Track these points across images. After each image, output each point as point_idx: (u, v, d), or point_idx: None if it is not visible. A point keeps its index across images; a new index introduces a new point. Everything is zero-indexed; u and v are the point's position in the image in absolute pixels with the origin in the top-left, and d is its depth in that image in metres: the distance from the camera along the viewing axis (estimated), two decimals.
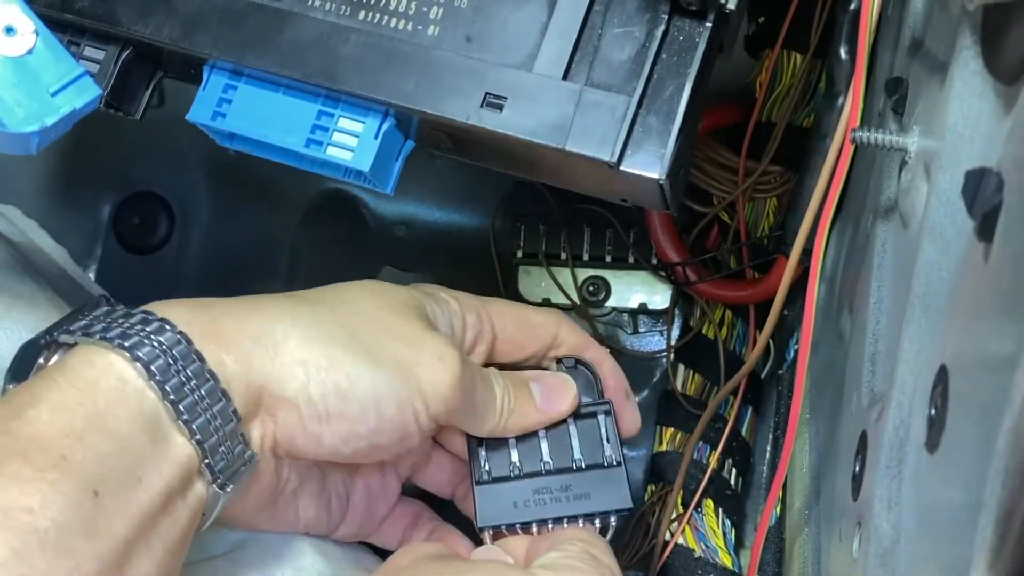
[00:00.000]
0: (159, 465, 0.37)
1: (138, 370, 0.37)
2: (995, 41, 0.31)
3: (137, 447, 0.37)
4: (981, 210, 0.29)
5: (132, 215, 0.74)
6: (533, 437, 0.48)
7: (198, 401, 0.38)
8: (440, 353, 0.43)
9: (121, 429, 0.36)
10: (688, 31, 0.41)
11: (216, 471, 0.39)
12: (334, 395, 0.41)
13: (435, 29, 0.43)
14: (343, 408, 0.41)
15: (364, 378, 0.41)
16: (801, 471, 0.53)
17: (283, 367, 0.40)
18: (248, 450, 0.40)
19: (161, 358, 0.38)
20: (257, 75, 0.44)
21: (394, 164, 0.45)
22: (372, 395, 0.41)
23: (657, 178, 0.40)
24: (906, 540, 0.34)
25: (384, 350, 0.42)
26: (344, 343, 0.41)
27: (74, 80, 0.42)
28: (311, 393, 0.40)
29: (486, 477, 0.47)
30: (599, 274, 0.66)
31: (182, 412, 0.38)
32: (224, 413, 0.39)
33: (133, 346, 0.37)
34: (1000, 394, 0.26)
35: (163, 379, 0.37)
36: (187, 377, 0.38)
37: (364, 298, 0.44)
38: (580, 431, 0.48)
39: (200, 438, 0.38)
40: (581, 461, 0.47)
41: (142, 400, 0.37)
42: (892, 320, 0.40)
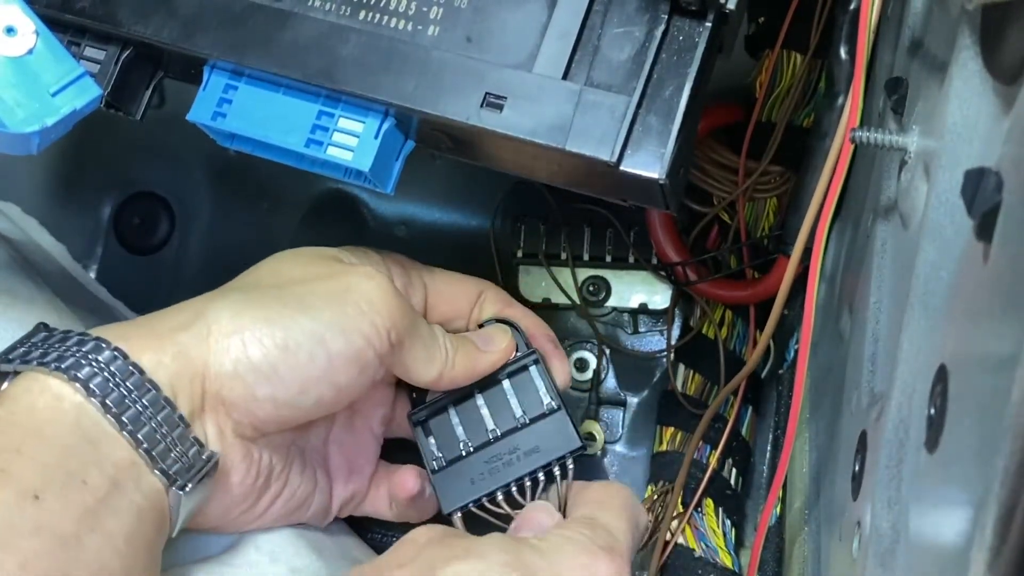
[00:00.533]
0: (104, 467, 0.38)
1: (76, 388, 0.38)
2: (994, 41, 0.31)
3: (80, 454, 0.38)
4: (980, 210, 0.29)
5: (132, 215, 0.74)
6: (472, 407, 0.49)
7: (141, 412, 0.39)
8: (367, 273, 0.44)
9: (62, 440, 0.38)
10: (688, 31, 0.41)
11: (172, 474, 0.39)
12: (275, 350, 0.41)
13: (435, 29, 0.43)
14: (289, 359, 0.41)
15: (301, 322, 0.42)
16: (801, 471, 0.53)
17: (218, 344, 0.41)
18: (206, 450, 0.40)
19: (99, 375, 0.39)
20: (257, 75, 0.44)
21: (394, 164, 0.45)
22: (314, 335, 0.42)
23: (657, 178, 0.40)
24: (906, 540, 0.34)
25: (314, 292, 0.43)
26: (273, 300, 0.42)
27: (74, 80, 0.42)
28: (251, 358, 0.41)
29: (440, 464, 0.49)
30: (599, 274, 0.66)
31: (125, 423, 0.39)
32: (170, 420, 0.39)
33: (69, 367, 0.39)
34: (1000, 394, 0.26)
35: (103, 394, 0.38)
36: (127, 390, 0.39)
37: (282, 261, 0.46)
38: (515, 387, 0.49)
39: (147, 446, 0.39)
40: (524, 417, 0.49)
41: (80, 414, 0.38)
42: (892, 320, 0.40)
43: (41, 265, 0.60)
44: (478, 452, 0.49)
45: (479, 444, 0.49)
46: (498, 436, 0.49)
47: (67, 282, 0.62)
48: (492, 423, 0.49)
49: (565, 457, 0.48)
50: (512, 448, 0.49)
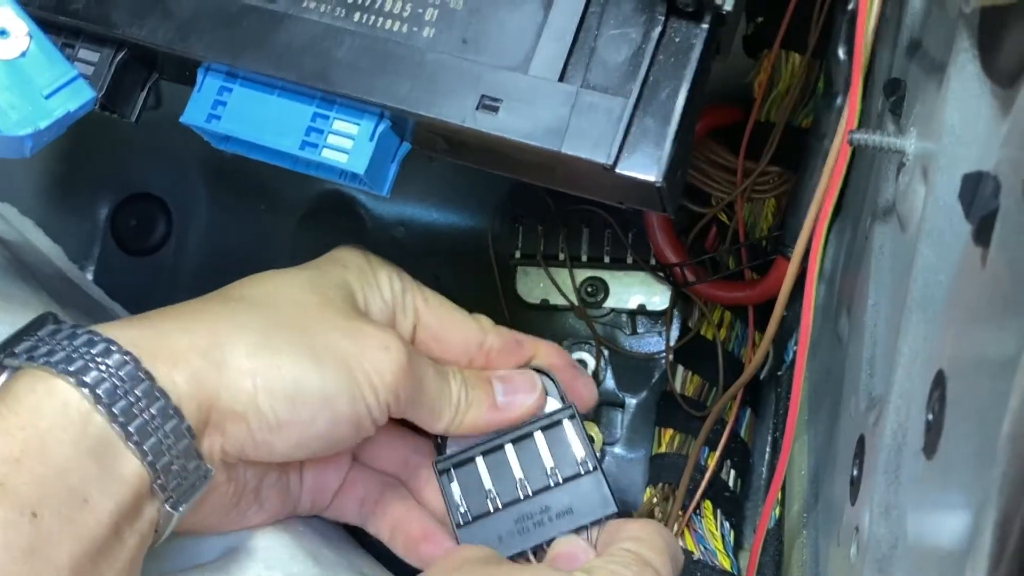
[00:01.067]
0: (107, 486, 0.37)
1: (83, 394, 0.37)
2: (992, 44, 0.30)
3: (81, 469, 0.36)
4: (978, 214, 0.29)
5: (129, 217, 0.74)
6: (502, 459, 0.47)
7: (148, 421, 0.37)
8: (384, 343, 0.43)
9: (64, 452, 0.36)
10: (684, 33, 0.41)
11: (168, 490, 0.38)
12: (282, 403, 0.40)
13: (430, 31, 0.43)
14: (293, 415, 0.41)
15: (312, 381, 0.41)
16: (800, 473, 0.53)
17: (231, 380, 0.40)
18: (203, 466, 0.40)
19: (107, 380, 0.37)
20: (252, 77, 0.44)
21: (390, 166, 0.45)
22: (321, 397, 0.41)
23: (654, 181, 0.40)
24: (904, 546, 0.34)
25: (328, 347, 0.42)
26: (288, 346, 0.41)
27: (68, 83, 0.42)
28: (260, 405, 0.40)
29: (467, 519, 0.47)
30: (597, 275, 0.66)
31: (132, 434, 0.37)
32: (177, 431, 0.38)
33: (78, 370, 0.37)
34: (998, 399, 0.26)
35: (110, 402, 0.37)
36: (136, 398, 0.37)
37: (301, 292, 0.44)
38: (549, 441, 0.47)
39: (152, 459, 0.38)
40: (557, 475, 0.47)
41: (87, 423, 0.37)
42: (890, 323, 0.40)
43: (37, 267, 0.60)
44: (507, 509, 0.47)
45: (508, 500, 0.47)
46: (528, 493, 0.47)
47: (64, 284, 0.62)
48: (522, 478, 0.47)
49: (599, 521, 0.47)
50: (543, 508, 0.46)
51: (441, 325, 0.48)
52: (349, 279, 0.46)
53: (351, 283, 0.46)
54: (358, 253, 0.48)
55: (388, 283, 0.48)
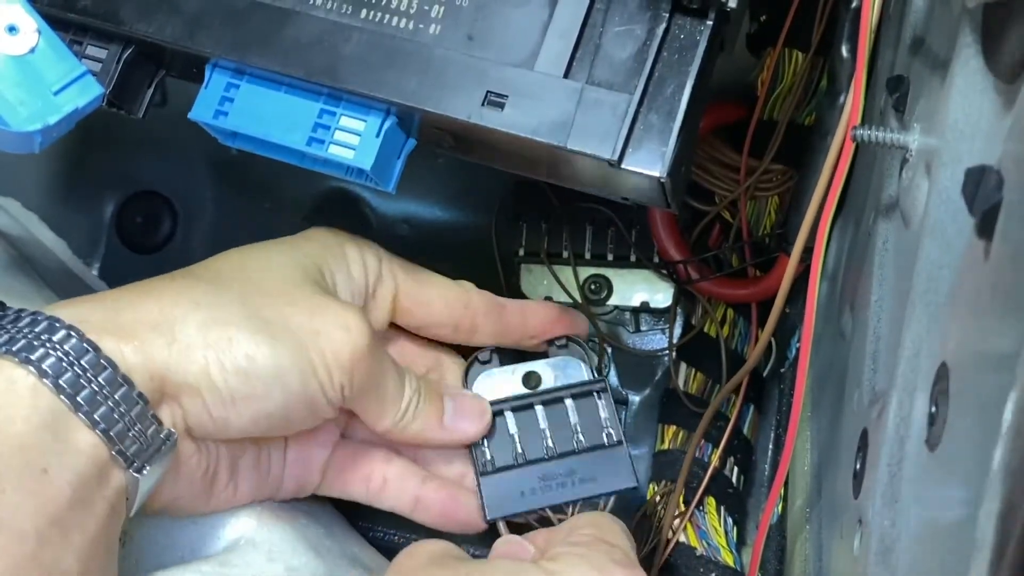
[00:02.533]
0: (64, 457, 0.37)
1: (29, 371, 0.37)
2: (995, 39, 0.31)
3: (36, 442, 0.37)
4: (981, 208, 0.29)
5: (135, 214, 0.74)
6: (532, 418, 0.48)
7: (97, 391, 0.38)
8: (345, 322, 0.43)
9: (16, 428, 0.36)
10: (689, 29, 0.41)
11: (129, 455, 0.38)
12: (235, 376, 0.40)
13: (436, 28, 0.43)
14: (246, 389, 0.41)
15: (264, 355, 0.41)
16: (803, 469, 0.53)
17: (181, 353, 0.40)
18: (164, 429, 0.40)
19: (52, 355, 0.38)
20: (259, 74, 0.44)
21: (396, 163, 0.45)
22: (274, 372, 0.41)
23: (658, 176, 0.40)
24: (907, 538, 0.34)
25: (285, 323, 0.42)
26: (243, 320, 0.41)
27: (76, 79, 0.42)
28: (213, 378, 0.40)
29: (490, 468, 0.47)
30: (601, 272, 0.66)
31: (81, 404, 0.38)
32: (128, 398, 0.38)
33: (21, 348, 0.38)
34: (1000, 392, 0.26)
35: (56, 375, 0.37)
36: (82, 369, 0.38)
37: (263, 268, 0.44)
38: (579, 410, 0.48)
39: (105, 426, 0.38)
40: (583, 442, 0.48)
41: (35, 398, 0.37)
42: (893, 318, 0.40)
43: (41, 262, 0.60)
44: (532, 465, 0.48)
45: (534, 458, 0.48)
46: (555, 455, 0.48)
47: (67, 278, 0.62)
48: (550, 440, 0.48)
49: (618, 492, 0.48)
50: (570, 471, 0.48)
51: (422, 289, 0.49)
52: (316, 256, 0.46)
53: (318, 260, 0.46)
54: (328, 231, 0.48)
55: (359, 258, 0.47)
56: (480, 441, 0.47)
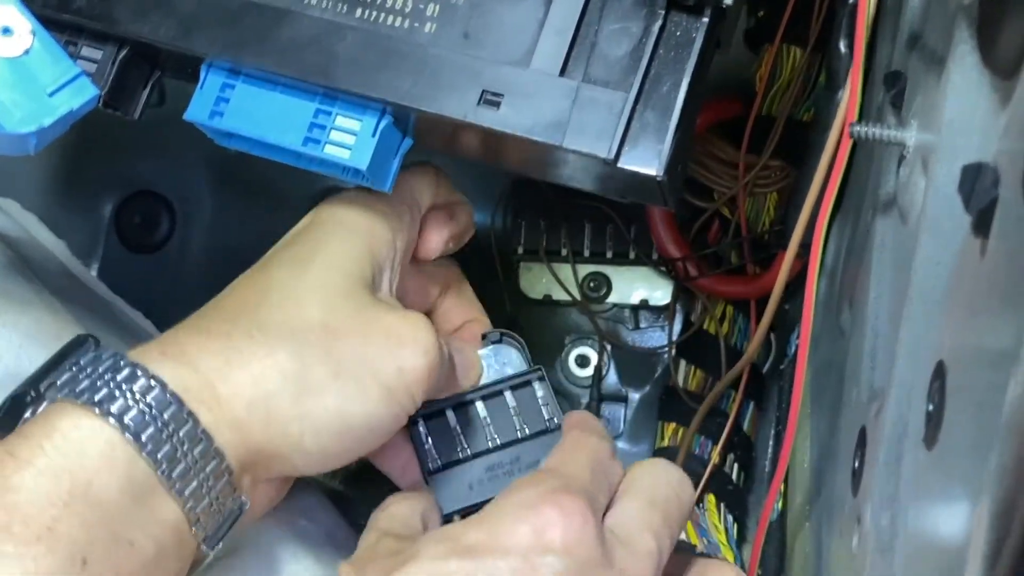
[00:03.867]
0: (150, 528, 0.36)
1: (127, 438, 0.36)
2: (992, 35, 0.31)
3: (127, 513, 0.36)
4: (977, 206, 0.29)
5: (133, 214, 0.74)
6: (473, 413, 0.49)
7: (191, 466, 0.37)
8: (425, 347, 0.42)
9: (110, 496, 0.35)
10: (685, 26, 0.41)
11: (206, 530, 0.38)
12: (329, 438, 0.40)
13: (432, 26, 0.43)
14: (340, 446, 0.41)
15: (356, 414, 0.41)
16: (802, 466, 0.53)
17: (278, 430, 0.39)
18: (238, 499, 0.39)
19: (152, 425, 0.36)
20: (254, 74, 0.44)
21: (392, 162, 0.45)
22: (366, 424, 0.41)
23: (655, 175, 0.40)
24: (905, 536, 0.34)
25: (370, 369, 0.41)
26: (331, 381, 0.40)
27: (71, 80, 0.42)
28: (306, 446, 0.40)
29: (436, 465, 0.48)
30: (600, 270, 0.66)
31: (174, 481, 0.37)
32: (217, 472, 0.38)
33: (121, 411, 0.36)
34: (997, 390, 0.26)
35: (154, 448, 0.36)
36: (179, 441, 0.37)
37: (330, 301, 0.42)
38: (518, 400, 0.49)
39: (192, 504, 0.37)
40: (525, 429, 0.48)
41: (132, 468, 0.36)
42: (891, 315, 0.40)
43: (40, 263, 0.60)
44: (477, 459, 0.48)
45: (478, 451, 0.48)
46: (498, 445, 0.48)
47: (67, 280, 0.62)
48: (491, 432, 0.49)
49: None
50: (514, 459, 0.48)
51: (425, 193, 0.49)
52: (359, 254, 0.44)
53: (363, 259, 0.44)
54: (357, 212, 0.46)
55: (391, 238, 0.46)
56: (424, 442, 0.48)
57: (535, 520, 0.38)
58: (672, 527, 0.41)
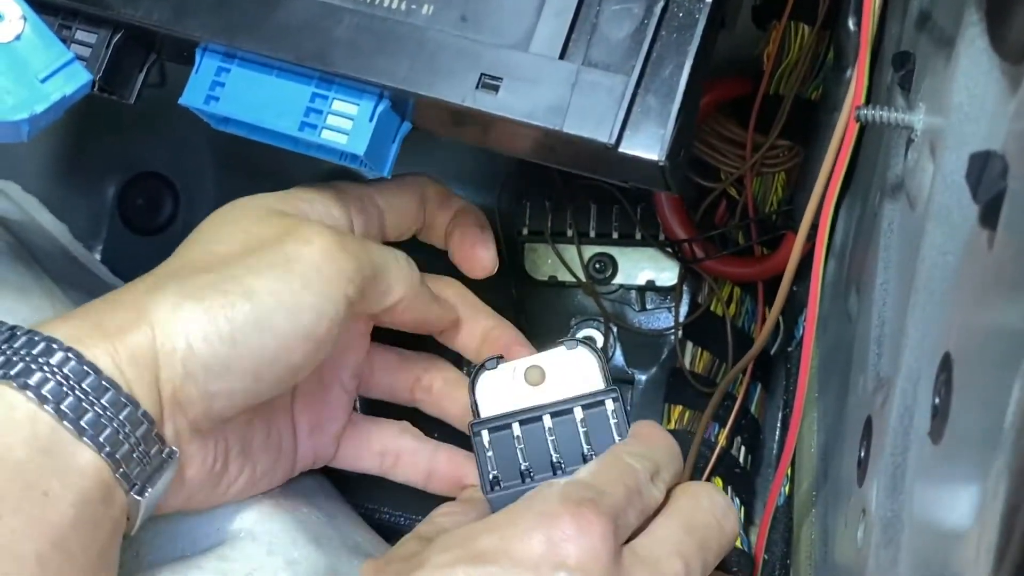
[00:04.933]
0: (67, 478, 0.36)
1: (28, 396, 0.36)
2: (1001, 19, 0.30)
3: (36, 467, 0.36)
4: (985, 196, 0.29)
5: (136, 195, 0.74)
6: (539, 430, 0.46)
7: (101, 413, 0.37)
8: (307, 235, 0.41)
9: (15, 454, 0.35)
10: (688, 7, 0.40)
11: (132, 477, 0.38)
12: (221, 344, 0.39)
13: (429, 9, 0.42)
14: (236, 350, 0.39)
15: (243, 309, 0.39)
16: (809, 451, 0.53)
17: (163, 345, 0.39)
18: (165, 447, 0.39)
19: (51, 380, 0.36)
20: (250, 58, 0.44)
21: (390, 147, 0.44)
22: (258, 321, 0.39)
23: (656, 160, 0.39)
24: (910, 529, 0.33)
25: (253, 269, 0.40)
26: (211, 288, 0.39)
27: (64, 66, 0.42)
28: (199, 356, 0.39)
29: (497, 486, 0.45)
30: (606, 251, 0.65)
31: (85, 429, 0.37)
32: (133, 418, 0.37)
33: (19, 373, 0.36)
34: (1004, 385, 0.25)
35: (57, 401, 0.36)
36: (84, 392, 0.37)
37: (221, 227, 0.43)
38: (588, 419, 0.46)
39: (110, 450, 0.37)
40: (591, 452, 0.46)
41: (35, 424, 0.36)
42: (898, 303, 0.39)
43: (41, 246, 0.59)
44: (539, 480, 0.45)
45: (542, 472, 0.45)
46: (563, 468, 0.45)
47: (68, 263, 0.62)
48: (556, 453, 0.46)
49: None
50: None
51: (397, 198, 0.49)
52: (285, 199, 0.44)
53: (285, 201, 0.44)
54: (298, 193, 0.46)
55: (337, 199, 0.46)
56: (486, 453, 0.46)
57: (551, 531, 0.37)
58: (708, 556, 0.40)
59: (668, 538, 0.40)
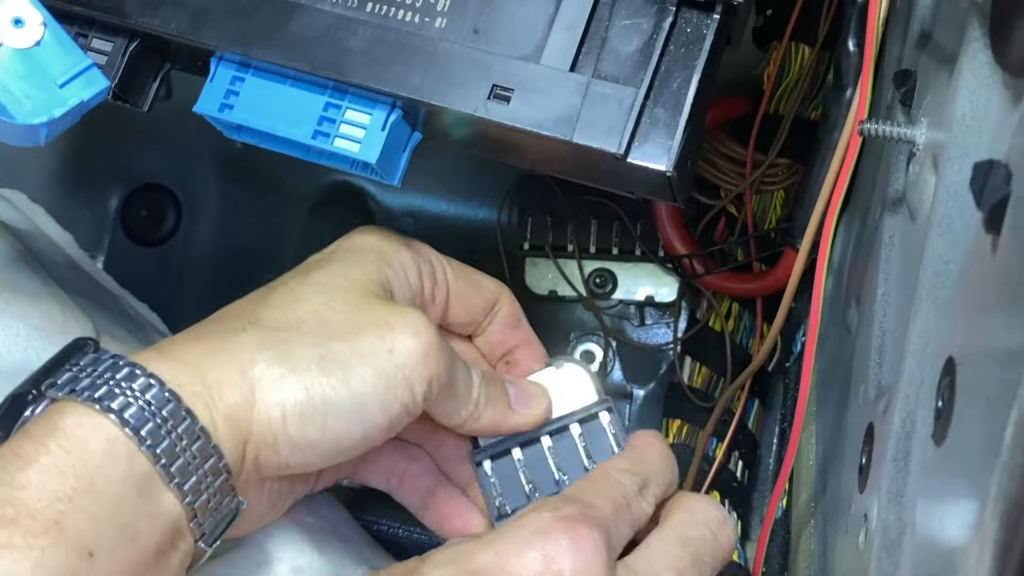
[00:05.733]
0: (153, 521, 0.37)
1: (128, 434, 0.37)
2: (1004, 33, 0.31)
3: (131, 506, 0.36)
4: (989, 202, 0.29)
5: (140, 207, 0.74)
6: (539, 451, 0.46)
7: (190, 461, 0.37)
8: (414, 328, 0.41)
9: (113, 489, 0.36)
10: (696, 23, 0.41)
11: (203, 527, 0.38)
12: (313, 425, 0.39)
13: (442, 21, 0.43)
14: (325, 434, 0.40)
15: (341, 396, 0.40)
16: (807, 464, 0.53)
17: (262, 413, 0.39)
18: (235, 499, 0.39)
19: (151, 421, 0.37)
20: (264, 67, 0.44)
21: (401, 156, 0.45)
22: (352, 409, 0.40)
23: (664, 170, 0.40)
24: (912, 533, 0.34)
25: (357, 352, 0.41)
26: (315, 364, 0.40)
27: (82, 72, 0.42)
28: (290, 432, 0.39)
29: (505, 512, 0.46)
30: (606, 266, 0.66)
31: (174, 475, 0.37)
32: (215, 469, 0.38)
33: (121, 408, 0.37)
34: (1007, 386, 0.26)
35: (153, 443, 0.37)
36: (178, 437, 0.37)
37: (325, 298, 0.42)
38: (586, 435, 0.47)
39: (191, 499, 0.37)
40: (593, 467, 0.46)
41: (133, 462, 0.37)
42: (899, 312, 0.40)
43: (47, 255, 0.60)
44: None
45: (547, 492, 0.45)
46: (565, 484, 0.45)
47: (74, 272, 0.62)
48: (558, 472, 0.46)
49: None
50: None
51: (468, 287, 0.48)
52: (373, 268, 0.44)
53: (376, 272, 0.44)
54: (375, 236, 0.46)
55: (415, 263, 0.46)
56: (491, 483, 0.46)
57: (545, 547, 0.37)
58: (703, 569, 0.40)
59: (663, 552, 0.40)
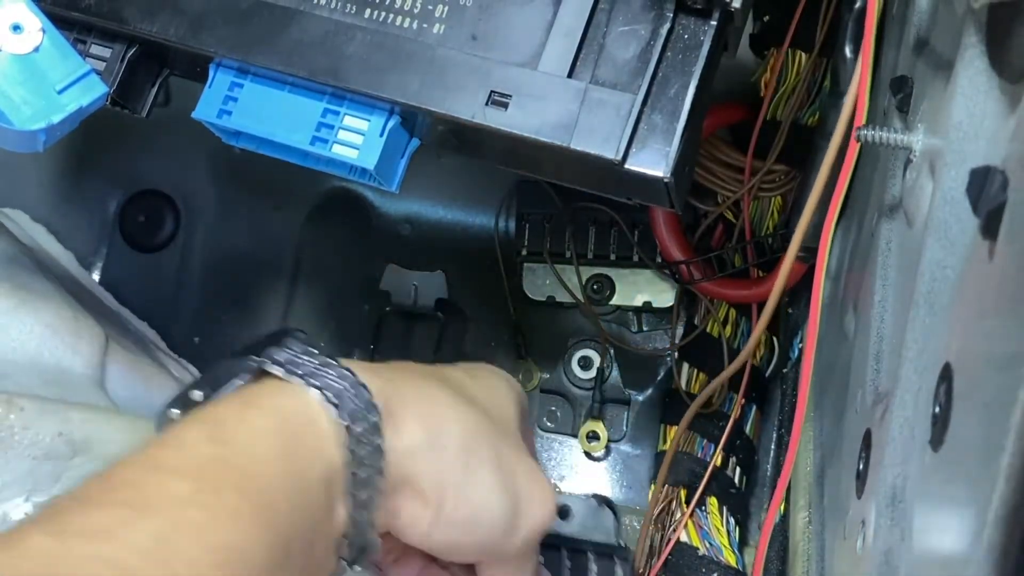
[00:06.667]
0: (327, 536, 0.37)
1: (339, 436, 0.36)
2: (1001, 39, 0.31)
3: (318, 511, 0.36)
4: (986, 208, 0.29)
5: (138, 213, 0.74)
6: (558, 559, 0.48)
7: (371, 478, 0.37)
8: (549, 498, 0.42)
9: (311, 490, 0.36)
10: (693, 29, 0.41)
11: (353, 550, 0.38)
12: (464, 509, 0.40)
13: (440, 27, 0.43)
14: (463, 526, 0.40)
15: (495, 507, 0.41)
16: (805, 469, 0.53)
17: (436, 473, 0.39)
18: (374, 537, 0.39)
19: (351, 401, 0.37)
20: (263, 73, 0.44)
21: (399, 162, 0.45)
22: (490, 522, 0.41)
23: (662, 176, 0.40)
24: (910, 538, 0.34)
25: (515, 481, 0.41)
26: (493, 464, 0.41)
27: (80, 78, 0.42)
28: (445, 505, 0.40)
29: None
30: (604, 272, 0.66)
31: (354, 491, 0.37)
32: (372, 501, 0.38)
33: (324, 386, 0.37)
34: (1005, 392, 0.26)
35: (356, 455, 0.37)
36: (367, 452, 0.37)
37: (505, 406, 0.43)
38: (599, 567, 0.48)
39: (357, 517, 0.37)
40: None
41: (333, 472, 0.37)
42: (896, 318, 0.40)
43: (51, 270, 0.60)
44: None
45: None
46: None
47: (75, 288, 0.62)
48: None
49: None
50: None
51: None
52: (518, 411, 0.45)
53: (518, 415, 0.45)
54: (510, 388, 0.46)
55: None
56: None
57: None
58: None
59: None
